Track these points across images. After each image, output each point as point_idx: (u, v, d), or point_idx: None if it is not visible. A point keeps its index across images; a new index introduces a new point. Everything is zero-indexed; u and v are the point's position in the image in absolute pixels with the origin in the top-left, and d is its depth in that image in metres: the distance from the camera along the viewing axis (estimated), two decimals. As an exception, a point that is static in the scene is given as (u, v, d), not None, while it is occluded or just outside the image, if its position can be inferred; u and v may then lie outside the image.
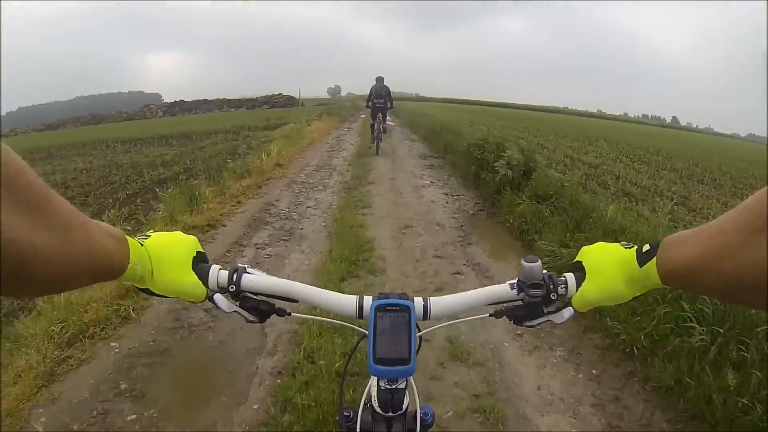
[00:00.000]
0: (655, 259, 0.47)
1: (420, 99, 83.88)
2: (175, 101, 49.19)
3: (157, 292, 0.54)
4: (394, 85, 9.54)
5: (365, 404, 0.62)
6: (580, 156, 9.31)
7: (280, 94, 46.07)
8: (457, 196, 5.55)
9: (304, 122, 13.03)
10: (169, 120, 28.16)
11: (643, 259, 0.49)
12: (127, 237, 0.48)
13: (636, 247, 0.52)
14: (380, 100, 8.72)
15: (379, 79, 8.82)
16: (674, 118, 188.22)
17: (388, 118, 9.62)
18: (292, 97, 46.40)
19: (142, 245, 0.51)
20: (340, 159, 8.46)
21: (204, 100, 47.27)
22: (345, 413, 0.62)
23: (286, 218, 4.51)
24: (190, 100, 49.26)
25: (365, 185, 6.00)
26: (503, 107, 59.65)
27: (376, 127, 8.81)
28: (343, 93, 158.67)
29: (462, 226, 4.32)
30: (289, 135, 10.37)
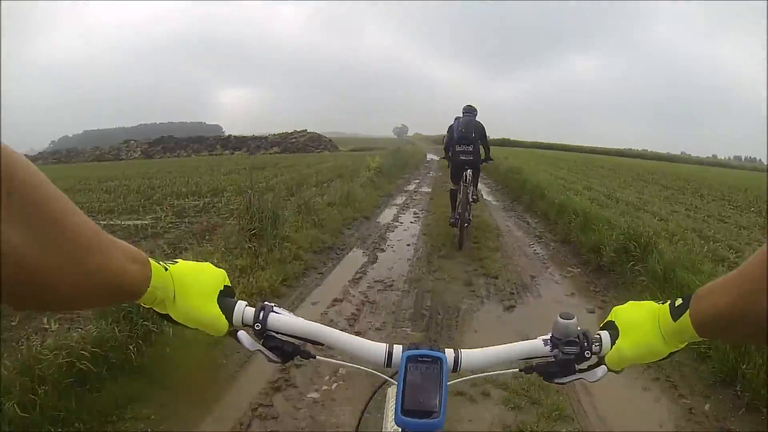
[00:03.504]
0: (688, 311, 0.47)
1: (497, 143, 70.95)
2: (162, 137, 42.14)
3: (177, 320, 0.50)
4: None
5: None
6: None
7: (304, 130, 36.13)
8: None
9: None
10: (121, 165, 21.18)
11: (676, 312, 0.49)
12: (151, 260, 0.46)
13: (669, 301, 0.52)
14: (467, 146, 4.63)
15: (469, 110, 4.75)
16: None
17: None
18: (321, 137, 36.68)
19: (166, 270, 0.48)
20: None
21: (198, 137, 40.36)
22: None
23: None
24: (179, 136, 42.57)
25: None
26: (583, 152, 47.71)
27: (460, 199, 4.63)
28: (410, 133, 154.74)
29: None
30: None
